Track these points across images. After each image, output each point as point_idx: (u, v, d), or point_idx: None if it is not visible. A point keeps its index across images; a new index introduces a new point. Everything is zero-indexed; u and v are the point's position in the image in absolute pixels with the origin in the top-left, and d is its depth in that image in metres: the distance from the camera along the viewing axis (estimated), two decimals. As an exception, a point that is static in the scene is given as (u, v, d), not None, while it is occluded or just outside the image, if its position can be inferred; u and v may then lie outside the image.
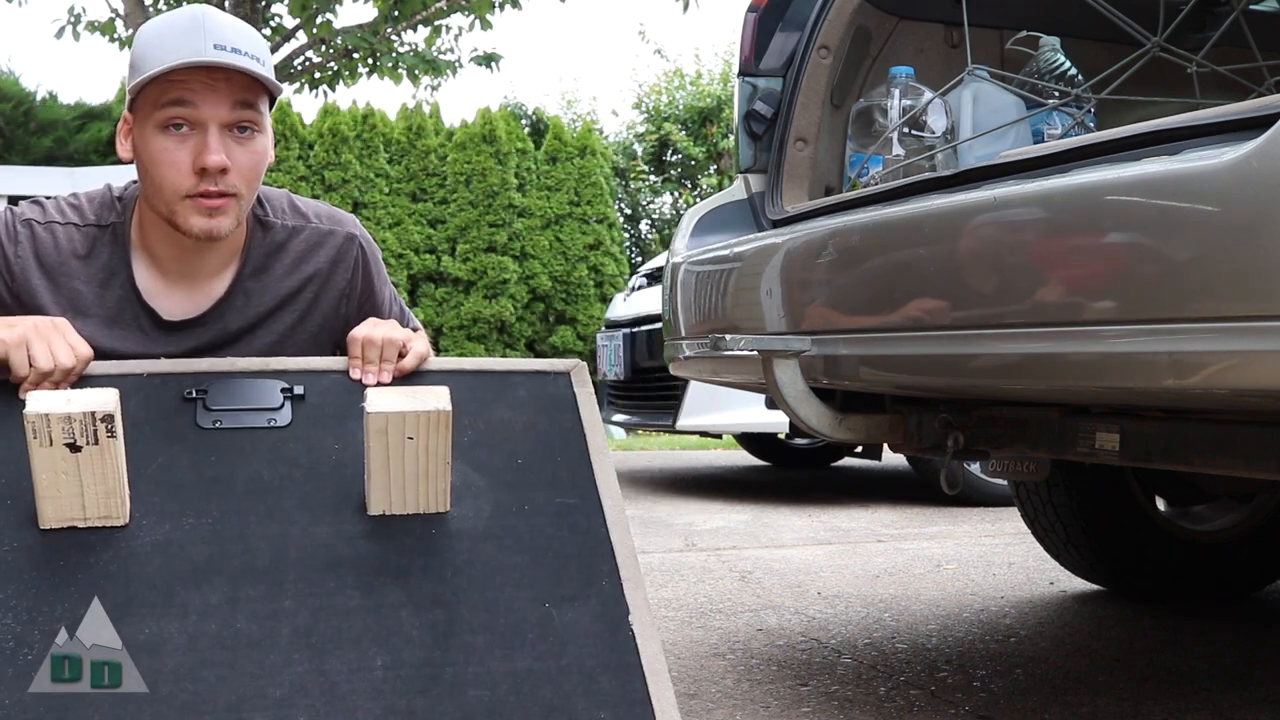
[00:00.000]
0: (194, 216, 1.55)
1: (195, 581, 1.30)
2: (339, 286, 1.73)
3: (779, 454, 6.46)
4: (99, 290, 1.63)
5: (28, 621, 1.27)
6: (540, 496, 1.44)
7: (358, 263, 1.74)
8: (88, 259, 1.63)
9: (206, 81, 1.51)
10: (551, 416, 1.53)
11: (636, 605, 1.37)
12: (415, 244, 9.15)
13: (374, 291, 1.77)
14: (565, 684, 1.29)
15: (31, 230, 1.61)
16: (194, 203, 1.54)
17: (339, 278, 1.73)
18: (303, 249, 1.71)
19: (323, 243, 1.72)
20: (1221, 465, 1.71)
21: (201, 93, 1.51)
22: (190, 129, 1.53)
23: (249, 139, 1.56)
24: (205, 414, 1.45)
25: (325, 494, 1.40)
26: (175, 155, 1.53)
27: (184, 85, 1.51)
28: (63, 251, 1.62)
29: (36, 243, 1.61)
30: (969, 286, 1.61)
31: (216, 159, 1.51)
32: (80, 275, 1.62)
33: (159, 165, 1.54)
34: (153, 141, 1.54)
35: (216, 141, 1.52)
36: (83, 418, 1.27)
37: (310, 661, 1.27)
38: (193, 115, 1.52)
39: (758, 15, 2.41)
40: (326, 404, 1.49)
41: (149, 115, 1.54)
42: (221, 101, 1.52)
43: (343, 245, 1.73)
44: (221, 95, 1.52)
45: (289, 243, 1.70)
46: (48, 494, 1.31)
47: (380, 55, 7.52)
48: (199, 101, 1.51)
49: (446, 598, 1.34)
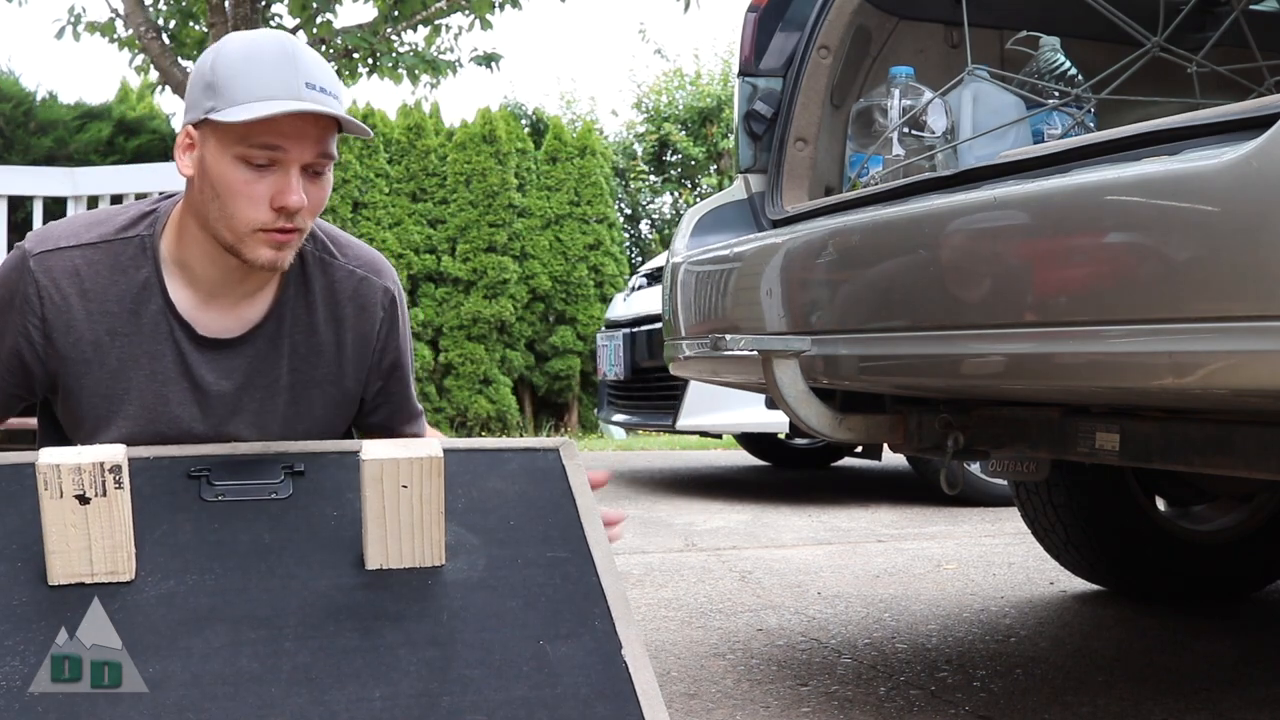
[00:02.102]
0: (262, 249, 1.54)
1: (198, 627, 1.35)
2: (366, 336, 1.72)
3: (779, 454, 6.46)
4: (132, 307, 1.60)
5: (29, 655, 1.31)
6: (532, 551, 1.49)
7: (386, 316, 1.73)
8: (115, 275, 1.60)
9: (298, 126, 1.50)
10: (542, 486, 1.58)
11: (629, 640, 1.41)
12: (415, 244, 9.14)
13: (398, 348, 1.75)
14: (561, 710, 1.32)
15: (46, 262, 1.59)
16: (267, 236, 1.53)
17: (366, 327, 1.71)
18: (339, 289, 1.69)
19: (358, 290, 1.70)
20: (1221, 465, 1.71)
21: (292, 136, 1.50)
22: (271, 165, 1.51)
23: (320, 177, 1.55)
24: (209, 488, 1.50)
25: (324, 553, 1.45)
26: (255, 190, 1.51)
27: (276, 127, 1.49)
28: (85, 274, 1.59)
29: (56, 273, 1.58)
30: (969, 286, 1.61)
31: (298, 199, 1.51)
32: (110, 294, 1.60)
33: (236, 196, 1.52)
34: (231, 171, 1.51)
35: (298, 182, 1.51)
36: (92, 468, 1.33)
37: (310, 694, 1.30)
38: (281, 157, 1.51)
39: (758, 15, 2.41)
40: (325, 479, 1.54)
41: (230, 145, 1.51)
42: (309, 146, 1.51)
43: (378, 296, 1.72)
44: (310, 139, 1.51)
45: (325, 276, 1.69)
46: (57, 548, 1.35)
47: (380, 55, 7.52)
48: (289, 146, 1.50)
49: (442, 638, 1.38)
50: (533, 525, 1.52)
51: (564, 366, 9.47)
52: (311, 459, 1.56)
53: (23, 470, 1.46)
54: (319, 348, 1.68)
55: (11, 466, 1.48)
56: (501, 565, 1.47)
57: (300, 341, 1.67)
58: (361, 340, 1.71)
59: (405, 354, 1.78)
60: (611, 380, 5.74)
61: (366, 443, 1.43)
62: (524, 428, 9.36)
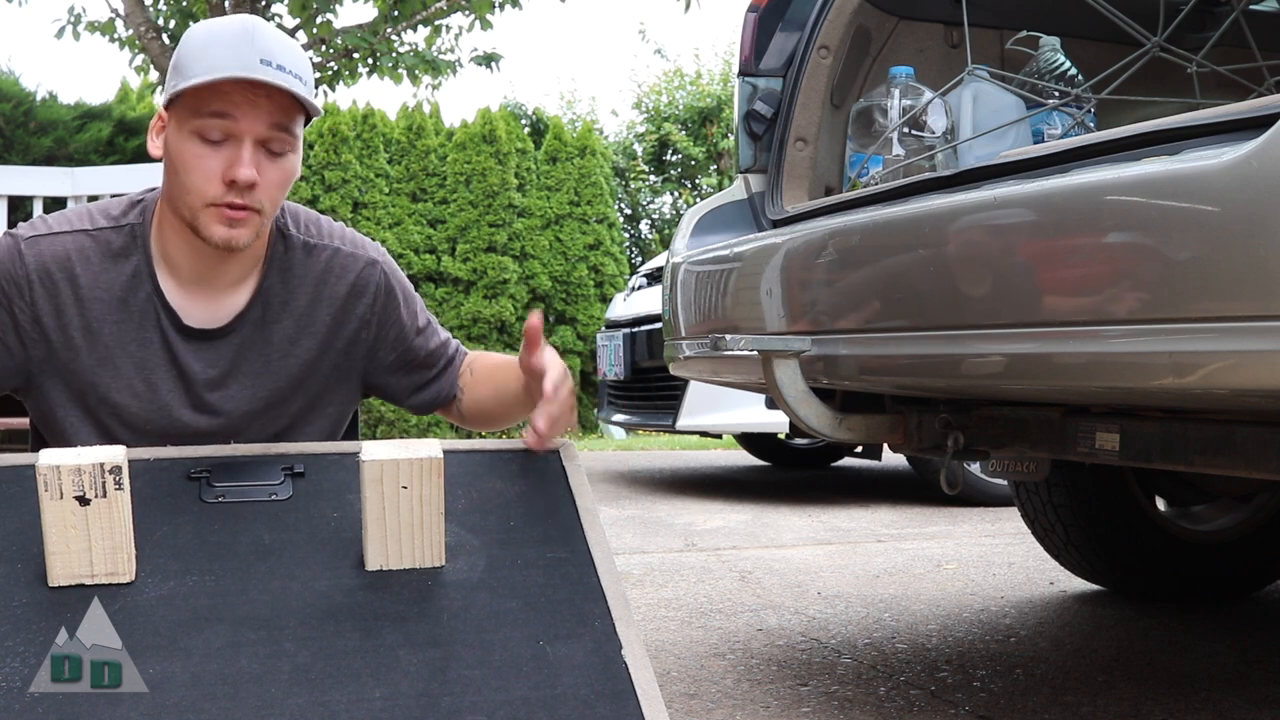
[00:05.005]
0: (215, 225, 1.54)
1: (199, 628, 1.35)
2: (359, 314, 1.71)
3: (779, 454, 6.46)
4: (121, 295, 1.61)
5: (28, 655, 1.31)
6: (532, 552, 1.49)
7: (379, 290, 1.72)
8: (105, 262, 1.61)
9: (249, 96, 1.51)
10: (542, 487, 1.58)
11: (629, 640, 1.41)
12: (415, 244, 9.14)
13: (398, 320, 1.74)
14: (561, 710, 1.32)
15: (37, 246, 1.60)
16: (217, 211, 1.53)
17: (360, 306, 1.71)
18: (323, 270, 1.69)
19: (345, 267, 1.70)
20: (1221, 465, 1.71)
21: (242, 107, 1.51)
22: (225, 140, 1.52)
23: (280, 157, 1.55)
24: (209, 490, 1.50)
25: (324, 554, 1.45)
26: (207, 163, 1.52)
27: (226, 97, 1.50)
28: (76, 259, 1.60)
29: (46, 257, 1.60)
30: (969, 286, 1.61)
31: (247, 173, 1.51)
32: (100, 282, 1.61)
33: (189, 170, 1.53)
34: (186, 145, 1.53)
35: (249, 155, 1.52)
36: (92, 469, 1.32)
37: (310, 694, 1.30)
38: (231, 128, 1.51)
39: (758, 15, 2.41)
40: (325, 480, 1.54)
41: (186, 119, 1.53)
42: (261, 118, 1.52)
43: (363, 272, 1.71)
44: (262, 112, 1.52)
45: (310, 260, 1.69)
46: (57, 549, 1.35)
47: (380, 55, 7.52)
48: (239, 115, 1.51)
49: (442, 639, 1.38)
50: (533, 526, 1.52)
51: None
52: (311, 460, 1.56)
53: (23, 471, 1.46)
54: (307, 330, 1.69)
55: (11, 468, 1.48)
56: (501, 566, 1.47)
57: (288, 325, 1.68)
58: (353, 317, 1.71)
59: (407, 319, 1.76)
60: (611, 380, 5.74)
61: (366, 444, 1.43)
62: (524, 428, 9.35)
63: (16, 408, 1.77)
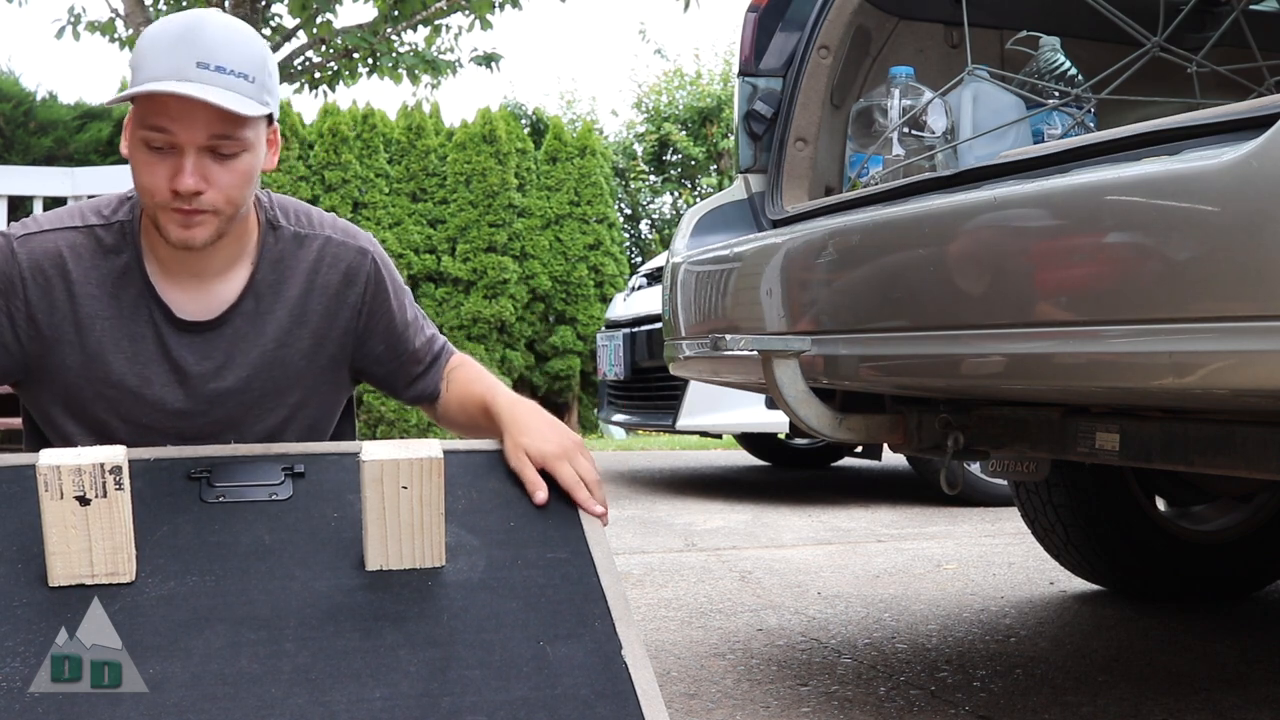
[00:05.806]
0: (171, 226, 1.54)
1: (199, 628, 1.35)
2: (351, 303, 1.71)
3: (779, 454, 6.46)
4: (113, 290, 1.62)
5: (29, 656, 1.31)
6: (533, 553, 1.49)
7: (369, 279, 1.72)
8: (97, 258, 1.62)
9: (185, 107, 1.48)
10: None
11: (629, 640, 1.41)
12: (415, 244, 9.14)
13: (388, 310, 1.75)
14: (561, 710, 1.32)
15: (29, 244, 1.60)
16: (171, 215, 1.54)
17: (351, 294, 1.71)
18: (315, 259, 1.69)
19: (337, 256, 1.70)
20: (1221, 465, 1.71)
21: (179, 120, 1.49)
22: (169, 148, 1.51)
23: (232, 158, 1.53)
24: (209, 490, 1.50)
25: (324, 554, 1.46)
26: (155, 169, 1.52)
27: (163, 108, 1.49)
28: (68, 255, 1.61)
29: (39, 255, 1.60)
30: (969, 286, 1.61)
31: (188, 183, 1.50)
32: (92, 277, 1.61)
33: (140, 174, 1.54)
34: (136, 152, 1.53)
35: (191, 164, 1.50)
36: (92, 469, 1.32)
37: (310, 694, 1.30)
38: (170, 140, 1.50)
39: (758, 15, 2.41)
40: (325, 480, 1.55)
41: (135, 127, 1.53)
42: (198, 128, 1.49)
43: (355, 260, 1.72)
44: (198, 123, 1.49)
45: (301, 250, 1.69)
46: (57, 549, 1.35)
47: (380, 55, 7.52)
48: (175, 129, 1.49)
49: (442, 639, 1.38)
50: (532, 526, 1.53)
51: (564, 367, 9.47)
52: (311, 460, 1.57)
53: (23, 471, 1.46)
54: (301, 320, 1.69)
55: (11, 468, 1.48)
56: (501, 566, 1.47)
57: (281, 316, 1.68)
58: (345, 306, 1.71)
59: (396, 311, 1.76)
60: (611, 380, 5.74)
61: (367, 444, 1.43)
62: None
63: (15, 407, 1.77)
